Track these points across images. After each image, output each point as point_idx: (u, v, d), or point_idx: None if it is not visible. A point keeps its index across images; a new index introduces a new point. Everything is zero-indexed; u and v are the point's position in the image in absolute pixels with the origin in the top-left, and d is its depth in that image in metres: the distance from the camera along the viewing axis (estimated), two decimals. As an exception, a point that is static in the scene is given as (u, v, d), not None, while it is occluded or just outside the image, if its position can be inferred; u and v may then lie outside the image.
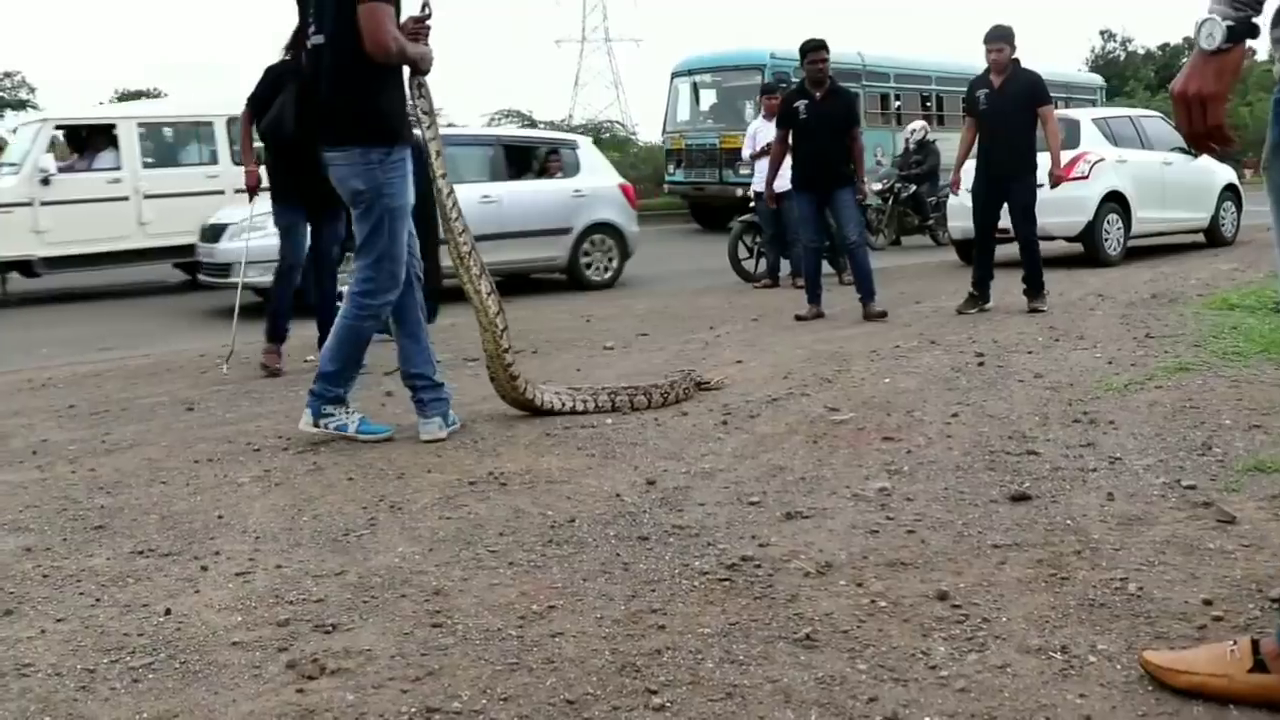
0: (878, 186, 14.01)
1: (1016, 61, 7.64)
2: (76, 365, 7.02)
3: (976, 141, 7.78)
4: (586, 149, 11.55)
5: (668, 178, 20.95)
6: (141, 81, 55.82)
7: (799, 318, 7.78)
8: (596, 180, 11.14)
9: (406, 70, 4.25)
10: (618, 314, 8.59)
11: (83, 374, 6.61)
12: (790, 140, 7.95)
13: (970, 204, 10.30)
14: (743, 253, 11.16)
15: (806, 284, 8.03)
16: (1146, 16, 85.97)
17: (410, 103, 4.30)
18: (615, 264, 11.19)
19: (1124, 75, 42.72)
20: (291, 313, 6.44)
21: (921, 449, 3.96)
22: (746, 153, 11.02)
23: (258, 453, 4.27)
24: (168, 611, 2.66)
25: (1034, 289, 7.70)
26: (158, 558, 3.07)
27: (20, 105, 55.06)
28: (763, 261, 10.96)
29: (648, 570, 2.84)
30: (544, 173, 11.18)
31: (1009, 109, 7.51)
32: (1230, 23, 1.79)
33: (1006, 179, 7.55)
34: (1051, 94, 7.88)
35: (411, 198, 4.28)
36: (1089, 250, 10.95)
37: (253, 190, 6.61)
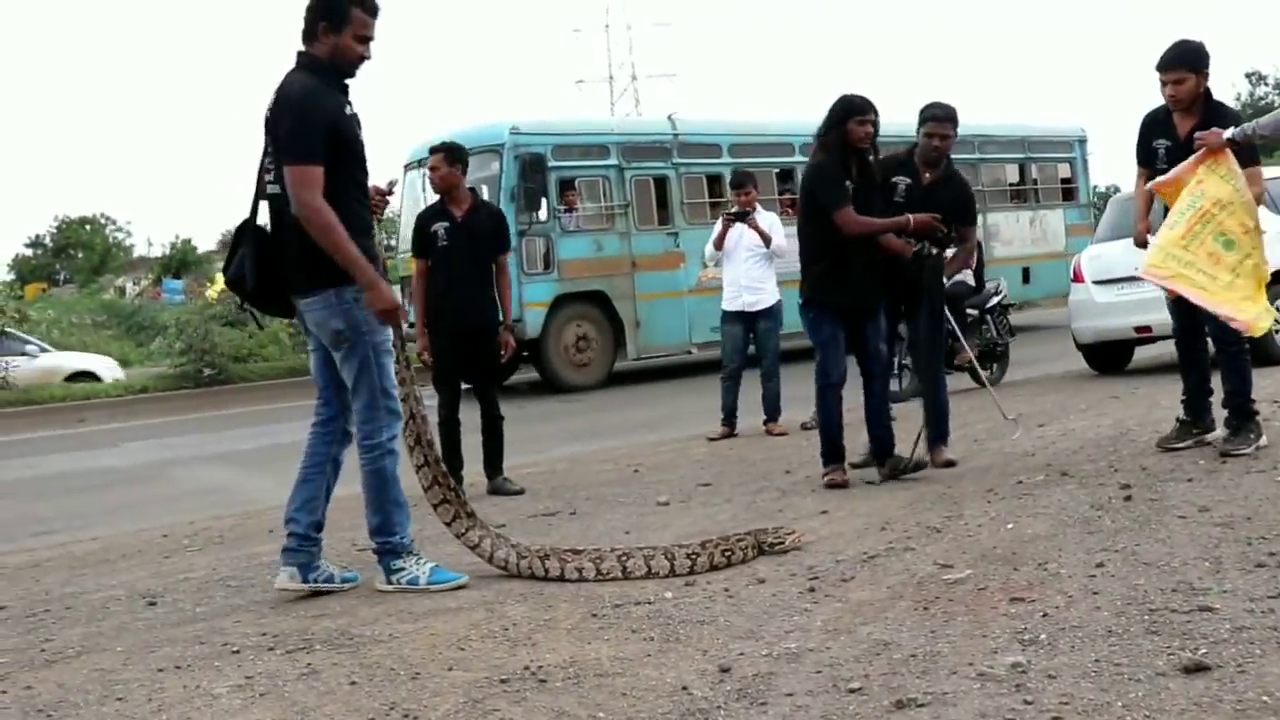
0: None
1: (1209, 95, 6.59)
2: (6, 555, 7.13)
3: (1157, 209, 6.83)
4: None
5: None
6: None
7: (855, 466, 7.28)
8: None
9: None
10: (672, 460, 8.62)
11: (14, 565, 6.71)
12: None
13: (1100, 299, 10.18)
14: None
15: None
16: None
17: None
18: None
19: (1281, 125, 42.84)
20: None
21: (1061, 611, 3.91)
22: (709, 251, 10.29)
23: (237, 655, 4.28)
24: None
25: (1236, 416, 6.64)
26: (117, 794, 3.08)
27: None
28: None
29: (728, 783, 2.81)
30: None
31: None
32: None
33: None
34: (1009, 155, 7.57)
35: (390, 332, 5.02)
36: (1255, 346, 10.85)
37: None
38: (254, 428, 13.93)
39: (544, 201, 16.03)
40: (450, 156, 7.69)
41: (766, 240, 9.56)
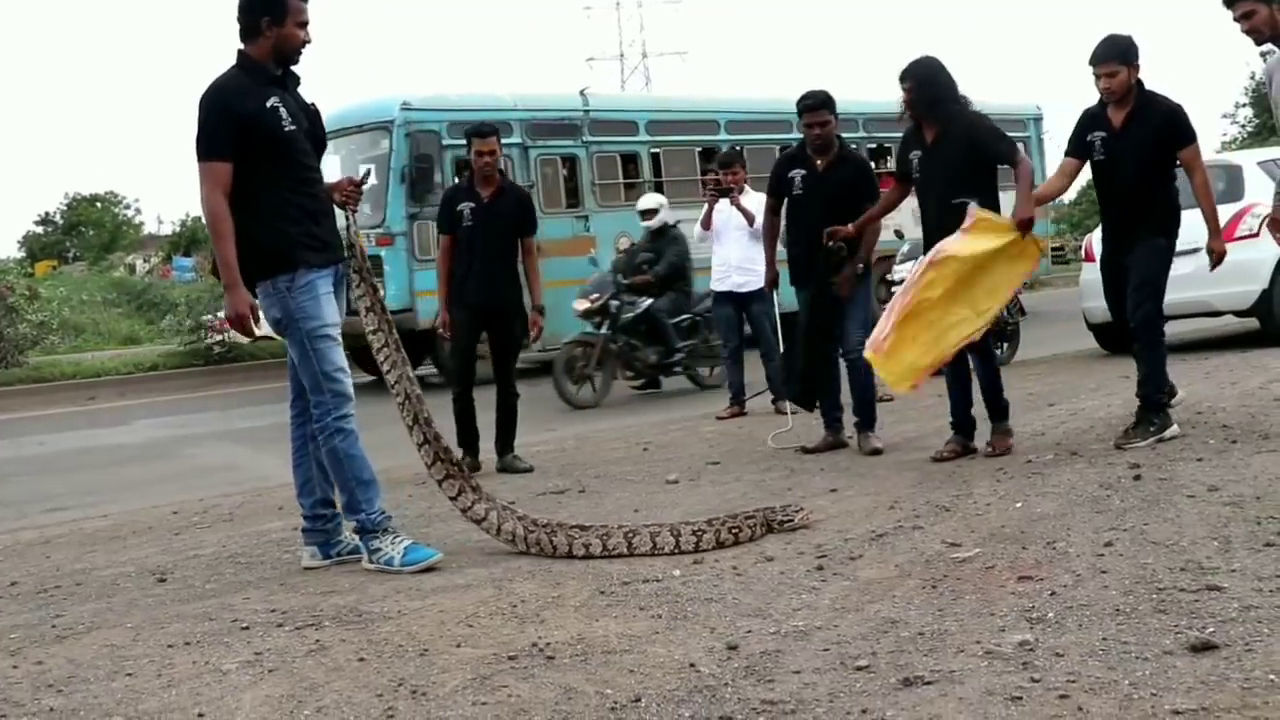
0: (583, 305, 11.70)
1: (1140, 85, 6.73)
2: (18, 531, 7.16)
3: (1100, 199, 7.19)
4: None
5: None
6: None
7: (809, 451, 7.45)
8: None
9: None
10: (681, 439, 8.63)
11: (26, 542, 6.74)
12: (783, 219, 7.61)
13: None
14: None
15: (821, 405, 7.61)
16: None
17: (344, 230, 5.37)
18: None
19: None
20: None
21: (1069, 589, 3.92)
22: (697, 232, 10.50)
23: (246, 631, 4.30)
24: (142, 836, 2.67)
25: (1144, 406, 6.67)
26: (126, 769, 3.09)
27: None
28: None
29: (734, 759, 2.82)
30: None
31: (1131, 154, 6.69)
32: None
33: (1128, 243, 6.82)
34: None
35: (334, 316, 5.14)
36: (1267, 326, 10.86)
37: None
38: (263, 405, 13.91)
39: (438, 182, 14.45)
40: (496, 139, 7.78)
41: (750, 219, 9.50)
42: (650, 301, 11.37)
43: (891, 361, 6.37)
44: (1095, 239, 11.63)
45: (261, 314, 5.15)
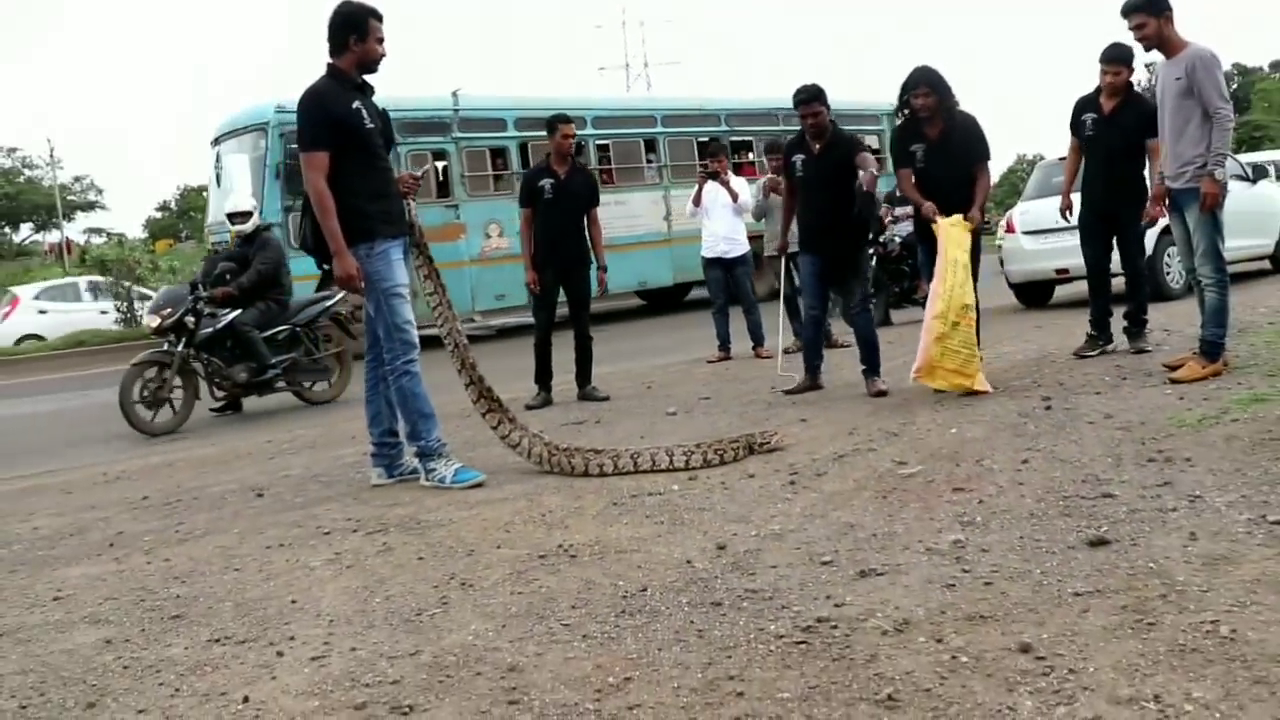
0: (154, 322, 8.54)
1: (1131, 87, 7.22)
2: (148, 457, 7.19)
3: (1082, 169, 7.33)
4: None
5: None
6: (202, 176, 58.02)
7: (789, 393, 7.12)
8: None
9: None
10: (678, 379, 8.61)
11: (154, 465, 6.77)
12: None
13: (1028, 246, 10.19)
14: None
15: (805, 354, 7.38)
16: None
17: (407, 212, 5.31)
18: None
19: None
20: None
21: (993, 498, 3.91)
22: (689, 209, 10.12)
23: (328, 536, 4.32)
24: (245, 699, 2.69)
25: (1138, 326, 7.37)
26: (234, 645, 3.12)
27: (90, 207, 57.46)
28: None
29: (723, 636, 2.82)
30: None
31: (1116, 140, 7.07)
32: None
33: (1114, 211, 7.22)
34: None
35: (404, 278, 5.15)
36: (1150, 284, 10.77)
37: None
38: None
39: None
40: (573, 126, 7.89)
41: (734, 196, 9.59)
42: (234, 314, 8.52)
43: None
44: (1016, 214, 11.68)
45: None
